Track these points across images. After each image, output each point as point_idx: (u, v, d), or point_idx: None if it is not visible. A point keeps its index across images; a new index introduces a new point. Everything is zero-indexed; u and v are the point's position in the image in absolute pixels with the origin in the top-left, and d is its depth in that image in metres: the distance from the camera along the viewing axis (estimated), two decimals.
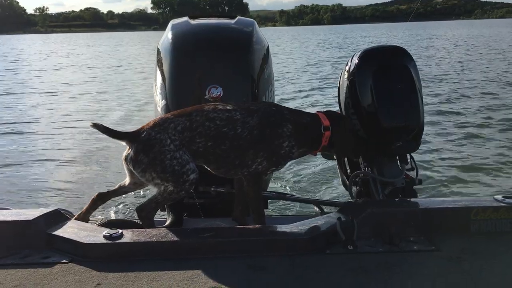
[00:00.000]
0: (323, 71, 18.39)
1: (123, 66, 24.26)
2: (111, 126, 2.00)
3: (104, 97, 13.42)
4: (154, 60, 2.70)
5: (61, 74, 20.90)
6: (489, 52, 24.60)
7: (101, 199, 2.17)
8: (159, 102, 2.51)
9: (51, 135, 8.58)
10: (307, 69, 19.80)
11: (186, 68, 2.47)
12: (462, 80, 14.44)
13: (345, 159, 2.70)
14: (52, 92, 14.66)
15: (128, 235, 1.80)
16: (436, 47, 30.48)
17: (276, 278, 1.60)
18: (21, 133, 8.83)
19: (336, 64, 20.57)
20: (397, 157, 2.50)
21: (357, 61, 2.46)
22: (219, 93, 2.36)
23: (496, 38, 39.53)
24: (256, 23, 2.84)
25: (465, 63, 19.34)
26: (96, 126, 1.95)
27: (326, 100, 11.28)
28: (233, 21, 2.79)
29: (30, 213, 1.92)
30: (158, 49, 2.67)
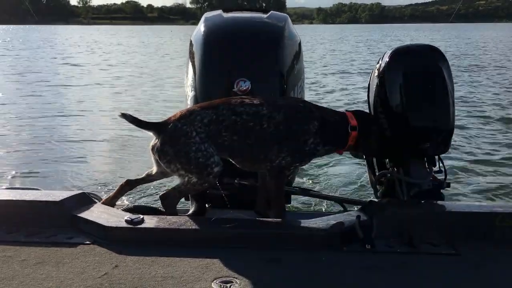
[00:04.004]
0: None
1: None
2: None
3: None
4: (186, 52, 2.74)
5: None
6: None
7: (129, 185, 2.23)
8: (189, 93, 2.54)
9: (94, 118, 8.82)
10: None
11: (216, 61, 2.49)
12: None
13: (374, 158, 2.68)
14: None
15: (149, 221, 1.85)
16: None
17: (289, 272, 1.61)
18: (66, 115, 9.11)
19: None
20: (425, 159, 2.46)
21: (387, 60, 2.42)
22: (247, 86, 2.37)
23: None
24: (289, 17, 2.83)
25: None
26: (124, 116, 2.00)
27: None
28: (265, 15, 2.79)
29: (58, 195, 2.01)
30: (191, 41, 2.70)
